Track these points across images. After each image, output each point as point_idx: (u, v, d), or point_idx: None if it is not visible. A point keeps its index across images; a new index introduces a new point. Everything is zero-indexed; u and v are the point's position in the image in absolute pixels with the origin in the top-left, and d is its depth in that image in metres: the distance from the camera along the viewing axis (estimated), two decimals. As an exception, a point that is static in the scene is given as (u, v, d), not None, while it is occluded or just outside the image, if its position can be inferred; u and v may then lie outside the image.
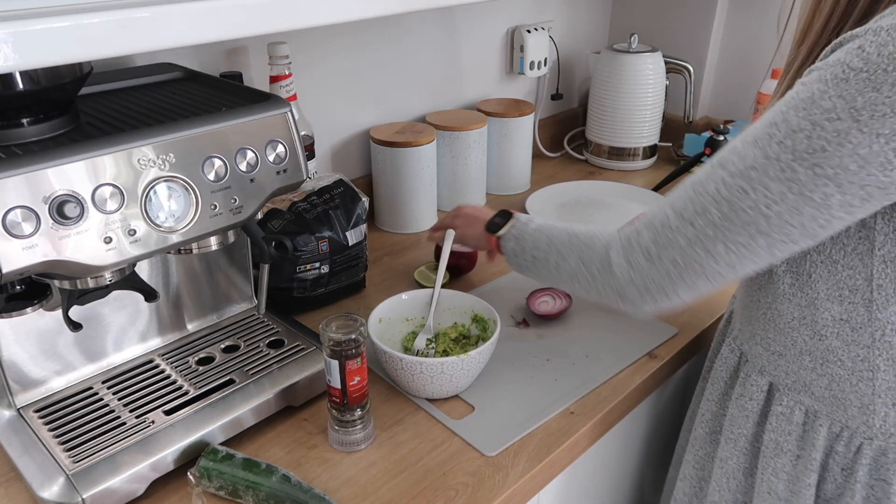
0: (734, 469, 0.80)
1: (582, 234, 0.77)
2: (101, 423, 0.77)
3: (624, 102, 1.57)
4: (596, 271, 0.73)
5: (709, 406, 0.85)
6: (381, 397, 0.89)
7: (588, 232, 0.77)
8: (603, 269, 0.72)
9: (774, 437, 0.76)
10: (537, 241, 0.82)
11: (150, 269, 0.86)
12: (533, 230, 0.83)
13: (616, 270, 0.71)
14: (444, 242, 1.03)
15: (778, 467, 0.76)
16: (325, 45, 1.23)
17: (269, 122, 0.74)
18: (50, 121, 0.67)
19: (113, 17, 0.52)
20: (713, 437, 0.85)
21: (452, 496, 0.75)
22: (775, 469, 0.76)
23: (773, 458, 0.76)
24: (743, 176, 0.61)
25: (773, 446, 0.76)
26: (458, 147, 1.35)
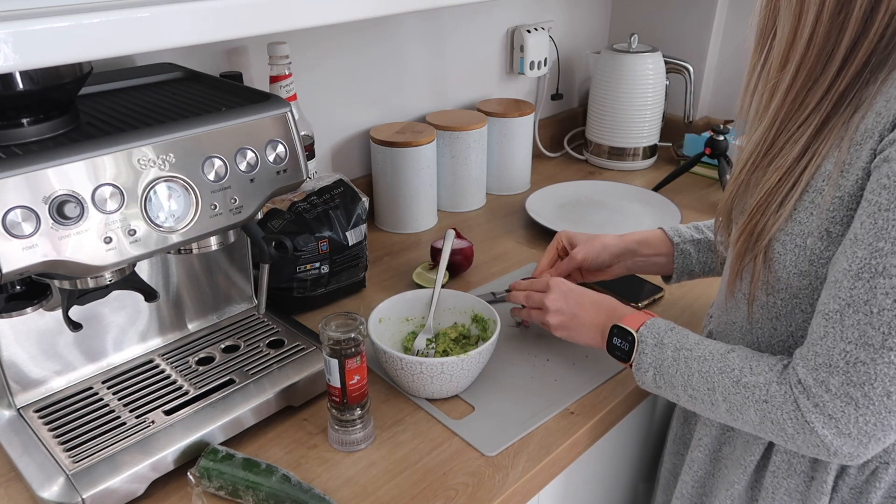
0: (740, 491, 0.79)
1: (741, 375, 0.68)
2: (101, 423, 0.77)
3: (624, 102, 1.57)
4: (792, 431, 0.65)
5: (707, 430, 0.83)
6: (381, 397, 0.89)
7: (745, 370, 0.68)
8: (801, 429, 0.64)
9: (787, 458, 0.74)
10: (686, 376, 0.72)
11: (150, 269, 0.86)
12: (672, 358, 0.74)
13: (821, 430, 0.62)
14: (444, 242, 1.03)
15: (790, 488, 0.74)
16: (325, 45, 1.23)
17: (269, 122, 0.74)
18: (50, 121, 0.67)
19: (113, 17, 0.52)
20: (714, 457, 0.83)
21: (452, 496, 0.75)
22: (787, 489, 0.74)
23: (785, 479, 0.74)
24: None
25: (786, 468, 0.74)
26: (458, 147, 1.35)
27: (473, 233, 1.32)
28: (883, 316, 0.58)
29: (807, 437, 0.64)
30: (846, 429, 0.62)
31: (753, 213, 0.69)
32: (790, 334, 0.71)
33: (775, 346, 0.73)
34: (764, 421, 0.67)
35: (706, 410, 0.73)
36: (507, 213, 1.42)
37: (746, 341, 0.76)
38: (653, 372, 0.76)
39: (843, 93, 0.63)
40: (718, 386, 0.70)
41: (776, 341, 0.72)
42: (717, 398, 0.70)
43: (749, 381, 0.67)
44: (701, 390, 0.71)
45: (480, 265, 1.20)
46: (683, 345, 0.74)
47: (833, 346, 0.61)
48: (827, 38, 0.61)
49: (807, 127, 0.65)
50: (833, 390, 0.61)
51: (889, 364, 0.59)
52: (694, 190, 1.51)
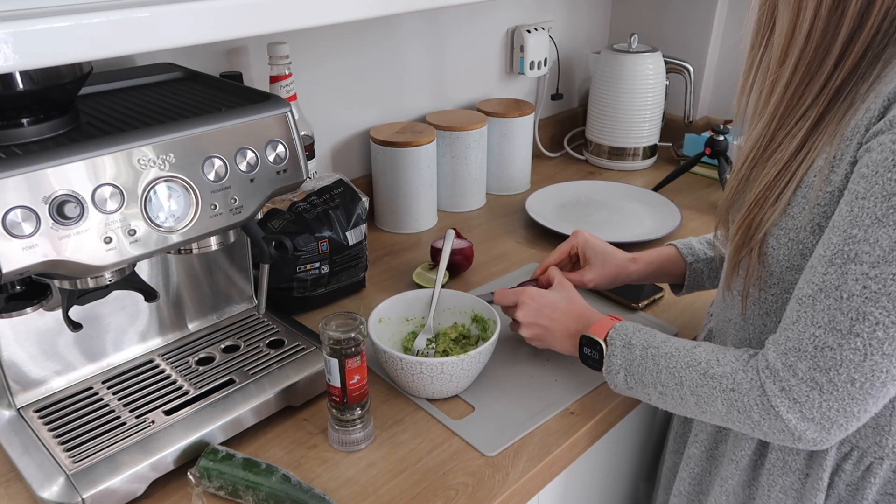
0: (735, 486, 0.79)
1: (708, 367, 0.69)
2: (101, 423, 0.77)
3: (624, 102, 1.57)
4: (758, 417, 0.65)
5: (703, 427, 0.83)
6: (381, 397, 0.89)
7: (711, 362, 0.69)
8: (767, 414, 0.64)
9: (782, 455, 0.74)
10: (655, 373, 0.73)
11: (150, 269, 0.86)
12: (640, 357, 0.75)
13: (785, 414, 0.63)
14: (444, 242, 1.03)
15: (786, 485, 0.74)
16: (325, 45, 1.23)
17: (269, 122, 0.74)
18: (50, 121, 0.67)
19: (113, 17, 0.52)
20: (710, 453, 0.83)
21: (452, 496, 0.75)
22: (783, 486, 0.75)
23: (781, 476, 0.75)
24: (888, 261, 0.56)
25: (781, 465, 0.74)
26: (458, 147, 1.35)
27: (473, 233, 1.32)
28: (852, 302, 0.59)
29: (772, 422, 0.64)
30: (809, 413, 0.62)
31: (751, 206, 0.70)
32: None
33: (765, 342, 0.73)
34: (731, 410, 0.67)
35: (676, 406, 0.73)
36: (507, 213, 1.42)
37: (740, 338, 0.77)
38: (623, 373, 0.77)
39: (839, 87, 0.63)
40: (686, 380, 0.71)
41: (766, 337, 0.73)
42: (686, 392, 0.71)
43: (716, 372, 0.68)
44: (669, 386, 0.72)
45: (480, 265, 1.20)
46: (651, 343, 0.75)
47: (803, 331, 0.62)
48: (824, 33, 0.62)
49: (805, 121, 0.65)
50: (800, 374, 0.62)
51: (855, 350, 0.59)
52: (694, 190, 1.51)
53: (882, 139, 0.57)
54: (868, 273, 0.58)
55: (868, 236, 0.57)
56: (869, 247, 0.57)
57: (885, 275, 0.57)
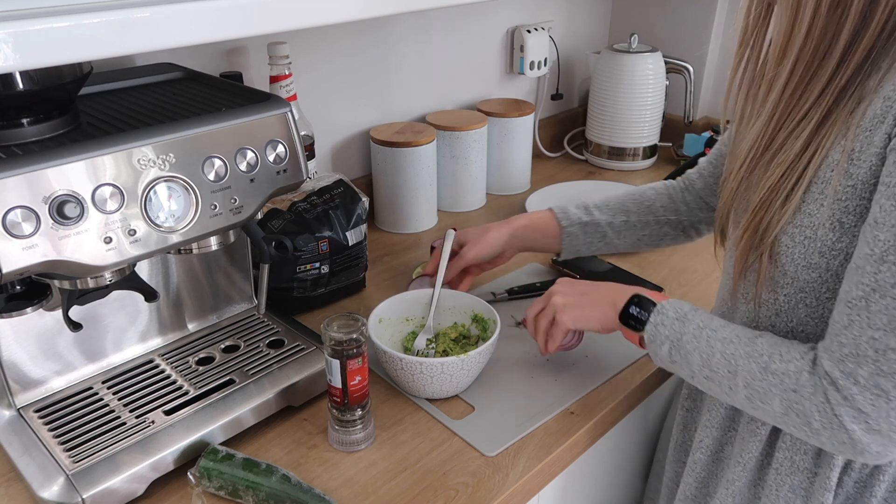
0: (741, 487, 0.79)
1: (770, 362, 0.65)
2: (101, 423, 0.77)
3: (624, 102, 1.57)
4: (818, 425, 0.62)
5: (709, 433, 0.82)
6: (381, 397, 0.89)
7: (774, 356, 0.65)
8: (829, 423, 0.61)
9: (790, 454, 0.73)
10: (706, 355, 0.69)
11: (150, 269, 0.86)
12: (693, 334, 0.71)
13: (850, 425, 0.60)
14: (444, 242, 1.03)
15: (794, 484, 0.74)
16: (325, 46, 1.23)
17: (269, 122, 0.74)
18: (50, 121, 0.67)
19: (113, 17, 0.52)
20: (716, 457, 0.83)
21: (452, 496, 0.75)
22: (792, 486, 0.74)
23: (789, 476, 0.74)
24: None
25: (789, 464, 0.73)
26: (458, 147, 1.35)
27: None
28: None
29: (834, 432, 0.61)
30: (876, 424, 0.59)
31: (757, 209, 0.68)
32: (790, 330, 0.71)
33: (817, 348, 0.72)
34: (788, 412, 0.64)
35: (721, 394, 0.70)
36: (507, 213, 1.41)
37: None
38: (669, 345, 0.73)
39: (845, 86, 0.62)
40: (742, 370, 0.67)
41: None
42: (738, 383, 0.67)
43: (778, 368, 0.64)
44: (720, 372, 0.68)
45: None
46: (707, 324, 0.71)
47: (860, 335, 0.59)
48: (825, 32, 0.61)
49: (808, 121, 0.64)
50: (862, 382, 0.59)
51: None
52: (694, 190, 1.51)
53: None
54: None
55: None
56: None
57: None
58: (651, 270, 1.18)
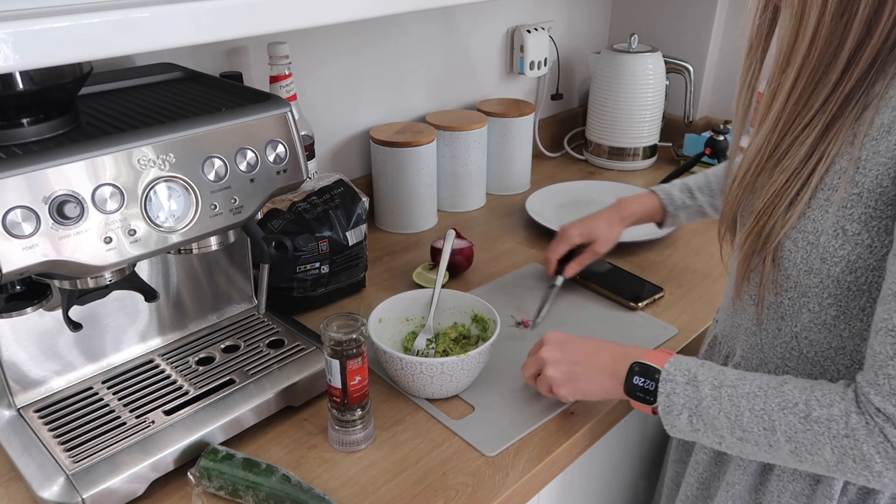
0: (741, 491, 0.78)
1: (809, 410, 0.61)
2: (101, 423, 0.77)
3: (624, 102, 1.57)
4: (881, 467, 0.59)
5: None
6: (381, 397, 0.89)
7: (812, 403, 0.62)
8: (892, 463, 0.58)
9: None
10: (734, 416, 0.64)
11: (150, 269, 0.86)
12: (711, 396, 0.66)
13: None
14: (444, 242, 1.03)
15: (797, 491, 0.73)
16: (326, 45, 1.23)
17: (269, 122, 0.74)
18: (50, 121, 0.67)
19: (113, 17, 0.52)
20: (719, 458, 0.82)
21: (452, 496, 0.75)
22: (794, 492, 0.73)
23: (791, 483, 0.73)
24: None
25: (791, 471, 0.73)
26: (458, 147, 1.35)
27: (473, 233, 1.32)
28: None
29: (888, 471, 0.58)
30: None
31: (760, 215, 0.68)
32: (794, 335, 0.71)
33: (778, 347, 0.73)
34: (844, 459, 0.60)
35: (760, 453, 0.65)
36: (507, 213, 1.42)
37: (751, 343, 0.76)
38: (688, 413, 0.67)
39: (849, 94, 0.62)
40: (780, 425, 0.62)
41: (780, 342, 0.72)
42: (779, 439, 0.62)
43: (821, 416, 0.60)
44: (755, 431, 0.63)
45: (480, 265, 1.20)
46: (723, 382, 0.66)
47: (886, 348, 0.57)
48: (829, 41, 0.60)
49: (812, 129, 0.64)
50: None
51: None
52: (694, 190, 1.51)
53: None
54: None
55: None
56: None
57: None
58: (651, 270, 1.18)
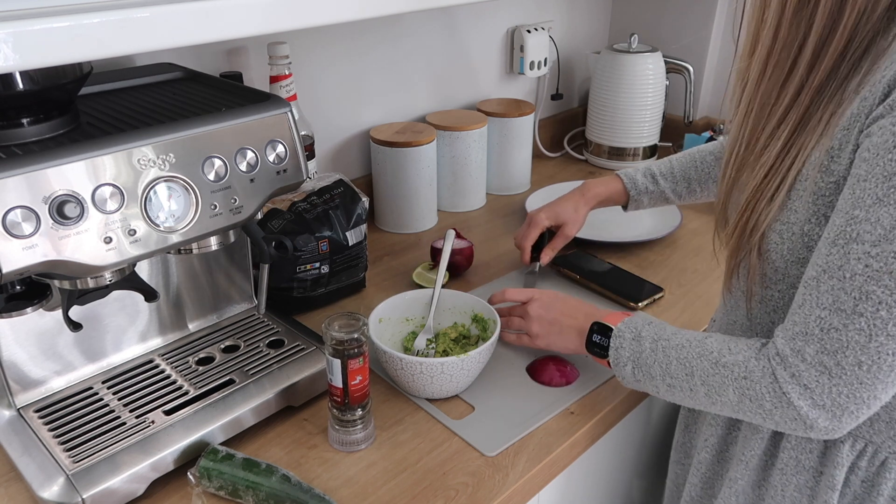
0: (744, 486, 0.79)
1: (720, 356, 0.69)
2: (101, 423, 0.77)
3: (624, 102, 1.57)
4: (770, 405, 0.65)
5: (714, 430, 0.82)
6: (381, 397, 0.89)
7: (724, 351, 0.69)
8: (779, 402, 0.64)
9: (795, 454, 0.74)
10: (664, 364, 0.73)
11: (150, 269, 0.86)
12: (650, 349, 0.75)
13: (797, 401, 0.62)
14: (444, 242, 1.03)
15: (800, 483, 0.74)
16: (326, 46, 1.23)
17: (269, 122, 0.74)
18: (50, 121, 0.67)
19: (113, 17, 0.52)
20: (720, 457, 0.83)
21: (452, 496, 0.75)
22: (798, 485, 0.74)
23: (794, 475, 0.74)
24: (889, 239, 0.56)
25: (794, 464, 0.74)
26: (458, 147, 1.35)
27: (473, 233, 1.32)
28: (854, 281, 0.58)
29: (784, 410, 0.64)
30: (820, 400, 0.62)
31: (744, 210, 0.70)
32: None
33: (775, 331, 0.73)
34: (742, 399, 0.67)
35: (685, 398, 0.73)
36: (507, 213, 1.42)
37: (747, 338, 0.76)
38: (631, 365, 0.76)
39: (820, 88, 0.63)
40: (697, 370, 0.70)
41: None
42: (696, 382, 0.71)
43: (728, 361, 0.68)
44: (679, 377, 0.72)
45: (480, 265, 1.20)
46: (661, 336, 0.75)
47: (809, 314, 0.62)
48: (792, 34, 0.62)
49: (787, 123, 0.66)
50: (808, 359, 0.62)
51: (860, 331, 0.59)
52: (694, 190, 1.51)
53: (882, 123, 0.57)
54: (870, 252, 0.58)
55: (869, 216, 0.57)
56: (870, 226, 0.57)
57: (886, 253, 0.57)
58: (651, 270, 1.18)
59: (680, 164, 1.08)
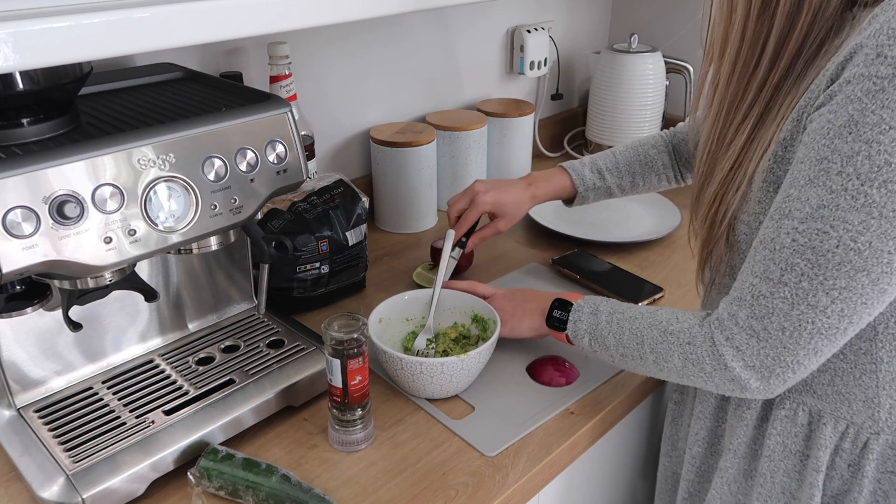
0: (734, 475, 0.80)
1: (668, 325, 0.74)
2: (101, 423, 0.77)
3: (624, 102, 1.57)
4: (710, 368, 0.69)
5: (703, 424, 0.84)
6: (381, 397, 0.89)
7: (671, 321, 0.74)
8: (717, 365, 0.68)
9: (781, 440, 0.75)
10: (618, 335, 0.78)
11: (150, 269, 0.86)
12: (605, 322, 0.79)
13: (731, 363, 0.67)
14: (444, 242, 1.03)
15: (789, 468, 0.75)
16: (326, 46, 1.23)
17: (269, 122, 0.74)
18: (50, 121, 0.67)
19: (113, 17, 0.52)
20: (713, 449, 0.84)
21: (452, 496, 0.75)
22: (787, 470, 0.75)
23: (782, 461, 0.75)
24: (815, 217, 0.60)
25: (781, 449, 0.75)
26: (458, 147, 1.35)
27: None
28: (783, 253, 0.63)
29: (722, 372, 0.68)
30: (751, 361, 0.66)
31: (712, 201, 0.74)
32: None
33: None
34: (686, 364, 0.71)
35: (636, 366, 0.78)
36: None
37: None
38: (588, 338, 0.81)
39: (779, 83, 0.67)
40: (647, 338, 0.75)
41: None
42: (646, 350, 0.75)
43: (674, 328, 0.73)
44: (631, 346, 0.77)
45: (480, 265, 1.20)
46: (616, 309, 0.80)
47: (744, 280, 0.66)
48: (756, 34, 0.66)
49: (750, 118, 0.69)
50: (741, 323, 0.66)
51: (783, 299, 0.63)
52: (694, 190, 1.51)
53: (822, 111, 0.60)
54: (797, 227, 0.62)
55: (801, 195, 0.61)
56: (800, 204, 0.61)
57: (811, 230, 0.61)
58: (651, 270, 1.18)
59: (624, 158, 1.09)
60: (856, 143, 0.57)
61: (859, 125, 0.57)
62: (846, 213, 0.58)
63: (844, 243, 0.59)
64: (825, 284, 0.61)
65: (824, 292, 0.61)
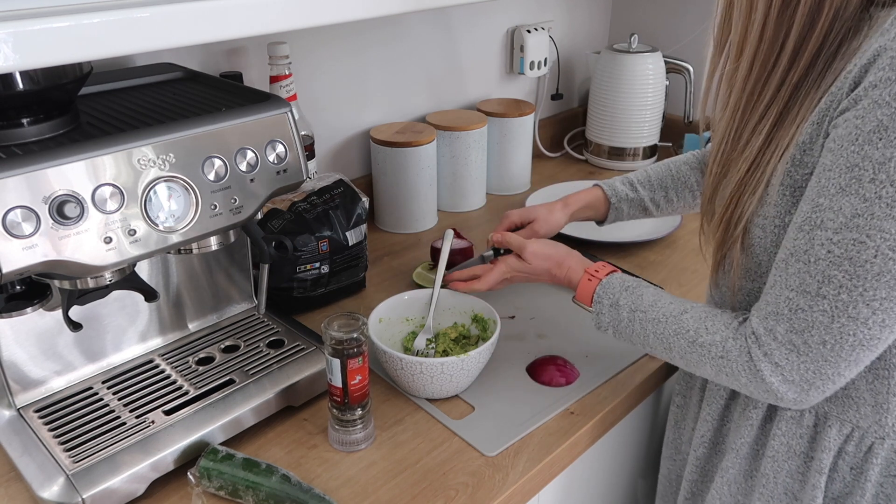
0: (735, 475, 0.80)
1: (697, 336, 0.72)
2: (101, 423, 0.77)
3: (624, 102, 1.57)
4: (745, 380, 0.68)
5: (708, 426, 0.83)
6: (381, 397, 0.89)
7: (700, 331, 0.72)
8: (753, 378, 0.67)
9: (786, 440, 0.75)
10: (642, 336, 0.77)
11: (150, 269, 0.86)
12: (627, 319, 0.78)
13: (769, 378, 0.66)
14: (444, 242, 1.03)
15: (793, 469, 0.75)
16: (326, 46, 1.23)
17: (269, 122, 0.74)
18: (50, 121, 0.67)
19: (113, 17, 0.52)
20: (717, 449, 0.84)
21: (452, 496, 0.75)
22: (790, 471, 0.75)
23: (785, 461, 0.75)
24: (849, 227, 0.59)
25: (785, 450, 0.75)
26: (458, 147, 1.35)
27: (473, 233, 1.32)
28: (818, 265, 0.61)
29: (758, 384, 0.67)
30: (790, 376, 0.65)
31: (728, 203, 0.72)
32: None
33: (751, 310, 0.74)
34: (719, 374, 0.71)
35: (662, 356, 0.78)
36: (507, 213, 1.41)
37: None
38: (612, 330, 0.81)
39: (798, 84, 0.66)
40: (675, 347, 0.74)
41: None
42: (674, 356, 0.75)
43: (705, 341, 0.71)
44: (658, 350, 0.77)
45: (480, 265, 1.20)
46: (638, 306, 0.78)
47: (779, 294, 0.65)
48: (776, 33, 0.65)
49: (768, 118, 0.68)
50: (779, 338, 0.65)
51: (823, 312, 0.62)
52: (694, 190, 1.51)
53: (847, 116, 0.60)
54: (832, 238, 0.60)
55: (832, 204, 0.60)
56: (833, 214, 0.60)
57: (846, 240, 0.59)
58: (651, 270, 1.18)
59: (656, 173, 1.07)
60: (887, 148, 0.56)
61: (889, 130, 0.56)
62: (882, 221, 0.57)
63: (883, 252, 0.58)
64: (865, 295, 0.59)
65: (864, 303, 0.60)
